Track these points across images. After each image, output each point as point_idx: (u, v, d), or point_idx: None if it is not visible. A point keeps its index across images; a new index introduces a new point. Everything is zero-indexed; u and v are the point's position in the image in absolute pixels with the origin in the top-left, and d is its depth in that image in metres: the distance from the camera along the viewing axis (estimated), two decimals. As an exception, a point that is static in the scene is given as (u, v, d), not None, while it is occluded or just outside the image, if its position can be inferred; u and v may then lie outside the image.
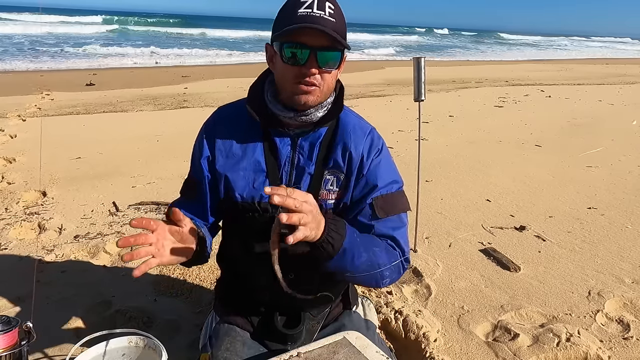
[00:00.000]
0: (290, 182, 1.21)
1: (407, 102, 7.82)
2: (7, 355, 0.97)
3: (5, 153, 4.49)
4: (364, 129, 1.25)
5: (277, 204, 0.90)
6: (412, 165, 2.71)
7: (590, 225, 3.16)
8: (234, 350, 1.26)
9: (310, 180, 1.21)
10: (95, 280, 2.33)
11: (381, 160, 1.24)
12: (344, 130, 1.23)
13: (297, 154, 1.21)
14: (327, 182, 1.22)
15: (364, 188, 1.22)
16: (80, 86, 9.36)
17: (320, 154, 1.21)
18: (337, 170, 1.22)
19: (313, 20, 1.06)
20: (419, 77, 2.57)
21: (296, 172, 1.21)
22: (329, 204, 1.23)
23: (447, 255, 2.68)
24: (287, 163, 1.21)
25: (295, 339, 1.28)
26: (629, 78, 13.97)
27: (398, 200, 1.24)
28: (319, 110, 1.17)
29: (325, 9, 1.07)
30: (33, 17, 32.03)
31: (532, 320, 2.08)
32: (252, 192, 1.22)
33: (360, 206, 1.21)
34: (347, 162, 1.21)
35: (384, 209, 1.20)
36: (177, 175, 3.99)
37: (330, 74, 1.13)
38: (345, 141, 1.22)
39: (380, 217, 1.20)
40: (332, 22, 1.07)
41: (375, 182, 1.21)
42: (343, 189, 1.23)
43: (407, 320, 2.01)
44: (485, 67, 17.79)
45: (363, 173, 1.22)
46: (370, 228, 1.20)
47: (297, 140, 1.20)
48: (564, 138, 5.78)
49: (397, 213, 1.22)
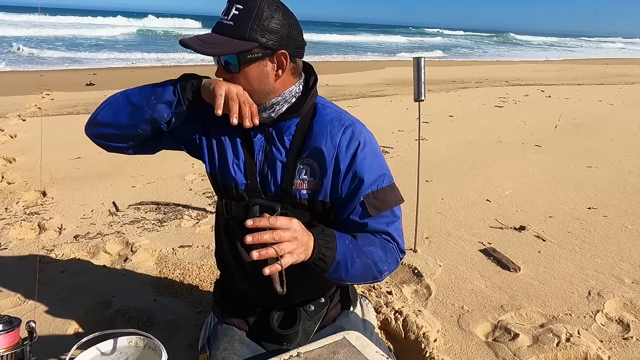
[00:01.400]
0: (263, 172, 1.23)
1: (407, 102, 7.82)
2: (9, 354, 0.97)
3: (5, 153, 4.49)
4: (342, 121, 1.23)
5: (250, 243, 0.94)
6: (412, 165, 2.71)
7: (590, 225, 3.16)
8: (232, 349, 1.27)
9: (283, 169, 1.22)
10: (95, 280, 2.33)
11: (366, 155, 1.20)
12: (320, 122, 1.22)
13: (270, 143, 1.23)
14: (301, 171, 1.21)
15: (351, 184, 1.19)
16: (80, 86, 9.36)
17: (294, 144, 1.21)
18: (311, 159, 1.21)
19: (215, 28, 1.14)
20: (419, 77, 2.57)
21: (269, 161, 1.23)
22: (303, 193, 1.22)
23: (447, 255, 2.68)
24: (261, 152, 1.23)
25: (291, 340, 1.28)
26: (629, 78, 13.97)
27: (389, 194, 1.21)
28: (276, 106, 1.18)
29: (230, 13, 1.11)
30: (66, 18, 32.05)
31: (532, 321, 2.08)
32: (231, 174, 1.25)
33: (351, 205, 1.20)
34: (321, 153, 1.20)
35: (376, 206, 1.19)
36: (177, 175, 3.99)
37: (243, 76, 1.14)
38: (320, 132, 1.21)
39: (373, 215, 1.18)
40: (228, 26, 1.11)
41: (363, 178, 1.19)
42: (319, 179, 1.21)
43: (407, 320, 2.01)
44: (485, 67, 17.80)
45: (341, 168, 1.19)
46: (364, 226, 1.19)
47: (269, 131, 1.22)
48: (564, 138, 5.78)
49: (390, 208, 1.21)
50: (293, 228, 0.99)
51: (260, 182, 1.24)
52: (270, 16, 1.10)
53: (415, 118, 2.97)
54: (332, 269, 1.08)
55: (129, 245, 2.71)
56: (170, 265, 2.49)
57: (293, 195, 1.22)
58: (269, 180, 1.23)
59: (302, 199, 1.22)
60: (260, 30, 1.09)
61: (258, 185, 1.23)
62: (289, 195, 1.22)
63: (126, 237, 2.81)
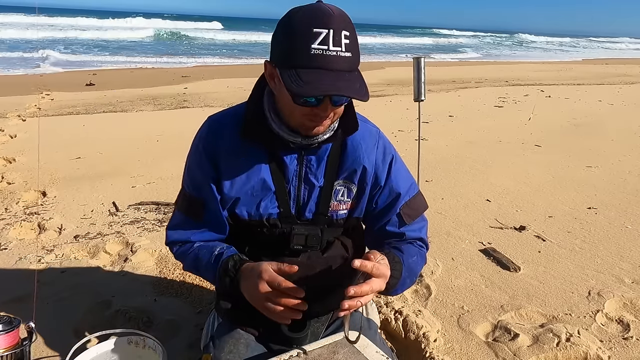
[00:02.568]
0: (298, 197, 1.21)
1: (407, 102, 7.82)
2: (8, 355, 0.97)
3: (5, 153, 4.49)
4: (372, 135, 1.23)
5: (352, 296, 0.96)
6: (412, 165, 2.69)
7: (590, 225, 3.16)
8: (237, 352, 1.25)
9: (319, 192, 1.20)
10: (95, 280, 2.33)
11: (399, 168, 1.26)
12: (354, 140, 1.20)
13: (305, 167, 1.19)
14: (338, 192, 1.21)
15: (388, 197, 1.24)
16: (80, 86, 9.36)
17: (330, 166, 1.19)
18: (348, 181, 1.21)
19: (328, 63, 0.95)
20: (419, 77, 2.57)
21: (305, 186, 1.20)
22: (340, 214, 1.24)
23: (447, 255, 2.68)
24: (295, 178, 1.19)
25: (301, 342, 1.28)
26: (629, 78, 13.97)
27: (419, 202, 1.29)
28: (325, 133, 1.14)
29: (342, 43, 0.96)
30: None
31: (532, 320, 2.08)
32: (260, 211, 1.21)
33: (388, 217, 1.24)
34: (360, 174, 1.21)
35: (410, 215, 1.25)
36: (177, 175, 3.98)
37: (342, 107, 1.09)
38: (356, 152, 1.20)
39: (407, 223, 1.24)
40: (349, 60, 0.98)
41: (399, 191, 1.24)
42: (356, 199, 1.23)
43: (407, 320, 2.01)
44: (485, 67, 17.80)
45: (380, 184, 1.22)
46: (401, 235, 1.25)
47: (304, 154, 1.18)
48: (564, 138, 5.78)
49: (421, 215, 1.28)
50: (384, 275, 1.01)
51: (294, 207, 1.22)
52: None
53: (415, 118, 2.97)
54: (389, 293, 1.13)
55: (129, 245, 2.71)
56: (170, 265, 2.49)
57: (330, 217, 1.23)
58: (304, 205, 1.22)
59: (338, 219, 1.24)
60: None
61: (292, 211, 1.22)
62: (325, 217, 1.22)
63: (126, 237, 2.80)
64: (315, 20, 0.96)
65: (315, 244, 1.22)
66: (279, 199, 1.20)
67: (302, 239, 1.20)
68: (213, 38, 29.99)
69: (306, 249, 1.22)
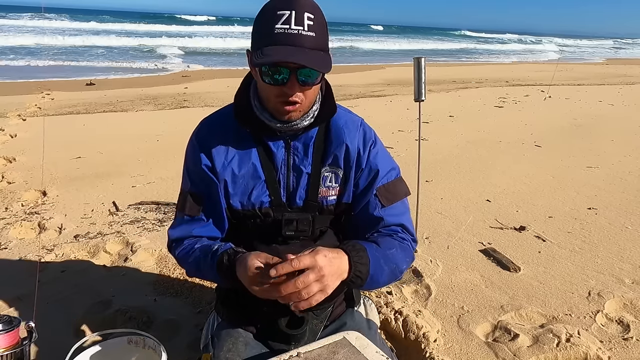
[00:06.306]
0: (288, 185, 1.23)
1: (407, 102, 7.82)
2: (8, 354, 0.97)
3: (5, 153, 4.49)
4: (355, 122, 1.28)
5: (279, 297, 0.98)
6: (412, 165, 2.70)
7: (590, 225, 3.16)
8: (236, 351, 1.26)
9: (308, 179, 1.23)
10: (95, 280, 2.33)
11: (378, 151, 1.28)
12: (337, 126, 1.25)
13: (292, 155, 1.22)
14: (326, 179, 1.24)
15: (368, 177, 1.25)
16: (81, 86, 9.37)
17: (316, 153, 1.23)
18: (334, 166, 1.24)
19: (290, 40, 1.01)
20: (419, 77, 2.57)
21: (294, 174, 1.23)
22: (329, 200, 1.25)
23: (447, 256, 2.68)
24: (283, 166, 1.23)
25: (299, 339, 1.28)
26: (629, 78, 13.97)
27: (399, 186, 1.29)
28: (305, 119, 1.17)
29: (304, 22, 1.01)
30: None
31: (532, 321, 2.08)
32: (252, 200, 1.23)
33: (365, 198, 1.25)
34: (344, 157, 1.24)
35: (388, 198, 1.25)
36: (177, 175, 3.97)
37: (311, 89, 1.11)
38: (339, 137, 1.24)
39: (385, 205, 1.24)
40: (311, 38, 1.02)
41: (377, 169, 1.25)
42: (343, 184, 1.25)
43: (407, 320, 2.01)
44: (485, 67, 17.80)
45: (362, 166, 1.25)
46: (380, 220, 1.24)
47: (290, 142, 1.22)
48: (564, 138, 5.78)
49: (400, 199, 1.29)
50: (317, 266, 0.97)
51: (284, 195, 1.24)
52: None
53: (416, 118, 2.97)
54: (367, 283, 1.12)
55: (129, 245, 2.71)
56: (170, 265, 2.49)
57: (320, 203, 1.24)
58: (294, 192, 1.24)
59: (328, 205, 1.26)
60: (328, 40, 1.09)
61: (282, 199, 1.24)
62: (315, 204, 1.24)
63: (126, 237, 2.81)
64: (280, 3, 1.03)
65: (306, 227, 1.24)
66: (269, 187, 1.22)
67: (293, 224, 1.22)
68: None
69: (298, 234, 1.24)
